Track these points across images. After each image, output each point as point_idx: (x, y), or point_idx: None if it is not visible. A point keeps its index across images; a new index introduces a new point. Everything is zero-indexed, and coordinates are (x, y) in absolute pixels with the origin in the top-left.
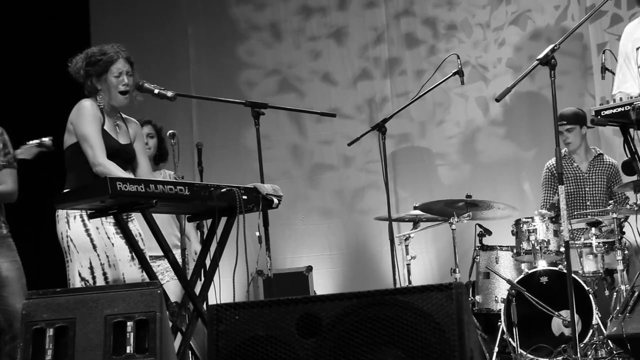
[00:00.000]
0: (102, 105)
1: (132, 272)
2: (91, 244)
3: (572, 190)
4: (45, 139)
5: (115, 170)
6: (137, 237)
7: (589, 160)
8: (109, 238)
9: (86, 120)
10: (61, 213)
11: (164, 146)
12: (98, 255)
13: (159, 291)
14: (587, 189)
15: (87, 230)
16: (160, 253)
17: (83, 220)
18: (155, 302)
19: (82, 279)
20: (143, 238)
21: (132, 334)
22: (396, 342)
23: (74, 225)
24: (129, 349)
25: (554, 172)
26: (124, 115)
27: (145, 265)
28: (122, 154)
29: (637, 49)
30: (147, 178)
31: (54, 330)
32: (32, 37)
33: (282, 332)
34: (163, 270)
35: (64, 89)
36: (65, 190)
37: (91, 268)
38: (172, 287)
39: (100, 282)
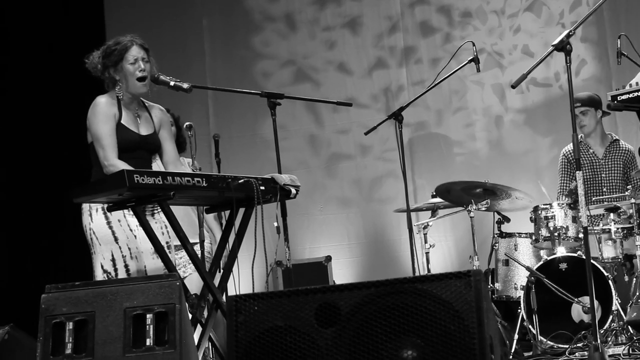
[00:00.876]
0: (121, 95)
1: (155, 264)
2: (113, 237)
3: (588, 176)
4: None
5: (126, 168)
6: (163, 228)
7: (605, 145)
8: (131, 230)
9: (97, 119)
10: (85, 206)
11: (181, 134)
12: (120, 248)
13: (177, 283)
14: (603, 175)
15: (108, 223)
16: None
17: (105, 213)
18: (175, 294)
19: (105, 271)
20: (169, 230)
21: (151, 326)
22: (415, 330)
23: (96, 218)
24: (148, 342)
25: (570, 158)
26: (147, 103)
27: (163, 257)
28: (143, 145)
29: None
30: (174, 165)
31: (73, 324)
32: (48, 32)
33: (301, 322)
34: (186, 262)
35: (80, 84)
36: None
37: (113, 260)
38: (196, 279)
39: (122, 274)
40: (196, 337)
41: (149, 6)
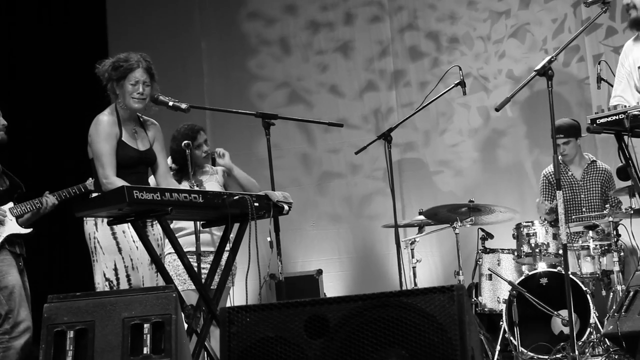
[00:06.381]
0: (123, 105)
1: (150, 275)
2: (117, 247)
3: (568, 197)
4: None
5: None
6: (159, 240)
7: (583, 167)
8: (134, 242)
9: (99, 137)
10: None
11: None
12: (123, 259)
13: (174, 294)
14: (582, 195)
15: (113, 234)
16: (211, 249)
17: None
18: (171, 305)
19: (107, 279)
20: (163, 243)
21: (148, 335)
22: (400, 342)
23: (101, 228)
24: (145, 350)
25: (550, 179)
26: (143, 118)
27: (161, 269)
28: (143, 161)
29: (639, 67)
30: (164, 177)
31: (74, 333)
32: (52, 50)
33: (291, 333)
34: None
35: (83, 101)
36: (92, 196)
37: (115, 270)
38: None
39: (123, 284)
40: (192, 346)
41: (150, 26)
